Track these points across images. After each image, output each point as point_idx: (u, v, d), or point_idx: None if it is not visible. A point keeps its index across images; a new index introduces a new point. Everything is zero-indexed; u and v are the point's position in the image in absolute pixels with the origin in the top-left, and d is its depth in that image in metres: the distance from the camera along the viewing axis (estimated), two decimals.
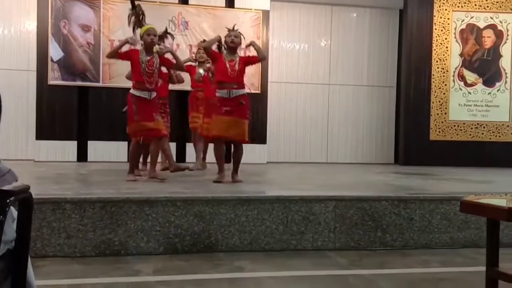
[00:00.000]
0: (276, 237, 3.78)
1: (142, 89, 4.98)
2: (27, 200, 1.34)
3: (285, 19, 9.74)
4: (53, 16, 8.41)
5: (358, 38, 10.04)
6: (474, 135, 9.34)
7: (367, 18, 10.07)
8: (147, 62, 4.95)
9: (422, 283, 3.02)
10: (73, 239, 3.48)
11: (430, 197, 4.11)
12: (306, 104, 9.90)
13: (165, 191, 4.08)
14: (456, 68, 9.36)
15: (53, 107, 8.45)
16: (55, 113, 8.46)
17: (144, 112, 4.94)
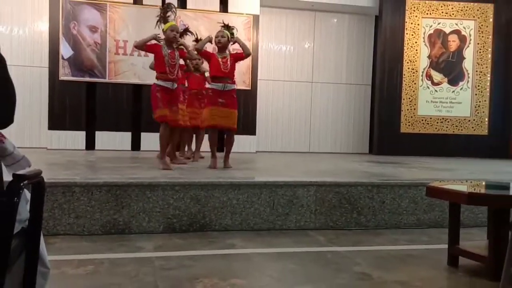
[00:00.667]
0: (264, 218, 3.79)
1: (165, 80, 4.90)
2: (40, 183, 1.34)
3: (273, 23, 9.71)
4: (64, 18, 8.33)
5: (338, 41, 10.05)
6: (439, 128, 9.40)
7: (346, 23, 10.07)
8: (169, 55, 4.90)
9: (391, 258, 3.04)
10: (81, 219, 3.47)
11: (400, 183, 4.13)
12: (291, 99, 9.91)
13: (165, 176, 4.07)
14: (424, 68, 9.40)
15: (64, 101, 8.38)
16: (66, 106, 8.39)
17: (165, 100, 4.88)
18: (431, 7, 9.36)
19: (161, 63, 4.91)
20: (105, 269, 2.63)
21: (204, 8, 8.77)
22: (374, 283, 2.52)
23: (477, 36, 9.42)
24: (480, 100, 9.44)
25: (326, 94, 10.02)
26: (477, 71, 9.44)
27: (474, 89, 9.44)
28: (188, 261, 2.82)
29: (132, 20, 8.63)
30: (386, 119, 9.34)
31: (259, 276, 2.61)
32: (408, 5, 9.32)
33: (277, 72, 9.81)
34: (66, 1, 8.33)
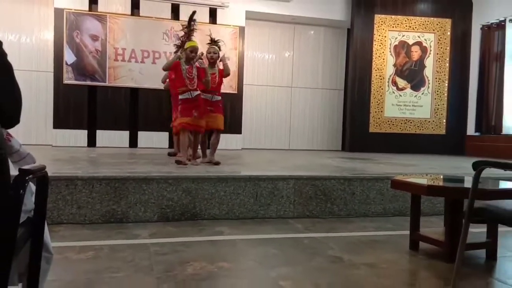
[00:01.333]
0: (248, 207, 3.79)
1: (184, 92, 4.91)
2: (44, 177, 1.32)
3: (258, 34, 9.71)
4: (68, 28, 8.21)
5: (314, 50, 10.09)
6: (403, 128, 9.51)
7: (322, 35, 10.12)
8: (187, 70, 4.89)
9: (361, 244, 3.07)
10: (83, 209, 3.43)
11: (368, 177, 4.16)
12: (273, 102, 9.92)
13: (159, 171, 4.04)
14: (390, 75, 9.49)
15: (67, 102, 8.27)
16: (69, 107, 8.29)
17: (187, 110, 4.88)
18: (396, 21, 9.45)
19: (180, 76, 4.93)
20: (105, 255, 2.61)
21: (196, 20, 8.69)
22: (345, 265, 2.54)
23: (437, 47, 9.54)
24: (438, 103, 9.57)
25: (304, 97, 10.06)
26: (436, 78, 9.56)
27: (433, 94, 9.56)
28: (180, 247, 2.81)
29: (130, 30, 8.55)
30: (356, 120, 9.41)
31: (244, 260, 2.61)
32: (377, 20, 9.39)
33: (260, 78, 9.81)
34: (70, 12, 8.22)
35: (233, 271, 2.38)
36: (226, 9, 8.96)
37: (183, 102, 4.94)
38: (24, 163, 1.37)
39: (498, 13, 8.87)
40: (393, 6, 9.43)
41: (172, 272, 2.31)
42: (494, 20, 8.97)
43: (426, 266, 2.58)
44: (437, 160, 7.27)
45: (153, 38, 8.60)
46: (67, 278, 2.18)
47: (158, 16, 8.68)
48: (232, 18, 9.02)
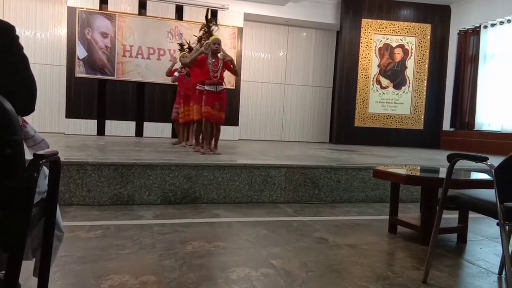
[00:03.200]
0: (243, 193, 3.80)
1: (211, 84, 4.83)
2: (56, 162, 1.31)
3: (254, 34, 9.65)
4: (80, 25, 8.12)
5: (306, 51, 10.05)
6: (385, 123, 9.53)
7: (313, 36, 10.08)
8: (213, 63, 4.82)
9: (344, 226, 3.09)
10: (92, 192, 3.42)
11: (352, 166, 4.17)
12: (268, 97, 9.90)
13: (163, 158, 4.03)
14: (375, 75, 9.48)
15: (79, 94, 8.21)
16: (80, 98, 8.22)
17: (209, 101, 4.82)
18: (381, 26, 9.42)
19: (206, 70, 4.84)
20: (112, 233, 2.61)
21: (197, 20, 8.63)
22: (329, 246, 2.55)
23: (417, 50, 9.53)
24: (418, 101, 9.58)
25: (296, 94, 10.05)
26: (416, 78, 9.57)
27: (413, 93, 9.57)
28: (181, 227, 2.81)
29: (137, 28, 8.46)
30: (343, 115, 9.41)
31: (238, 240, 2.62)
32: (363, 24, 9.35)
33: (256, 75, 9.77)
34: (82, 11, 8.11)
35: (229, 249, 2.39)
36: (226, 11, 8.89)
37: (208, 93, 4.82)
38: (38, 148, 1.36)
39: (474, 19, 8.86)
40: (378, 11, 9.39)
41: (173, 250, 2.31)
42: (470, 26, 8.97)
43: (402, 248, 2.60)
44: (415, 153, 7.30)
45: (158, 36, 8.52)
46: (77, 254, 2.18)
47: (163, 16, 8.59)
48: (232, 19, 8.96)
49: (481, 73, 8.65)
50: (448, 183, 1.93)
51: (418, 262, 2.31)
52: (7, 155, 1.01)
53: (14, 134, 1.02)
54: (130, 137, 8.31)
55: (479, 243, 2.80)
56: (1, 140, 1.00)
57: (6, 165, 1.02)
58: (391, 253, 2.53)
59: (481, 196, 1.86)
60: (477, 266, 2.31)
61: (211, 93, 4.85)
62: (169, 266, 2.05)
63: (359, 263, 2.25)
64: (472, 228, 3.06)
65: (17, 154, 1.04)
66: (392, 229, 2.97)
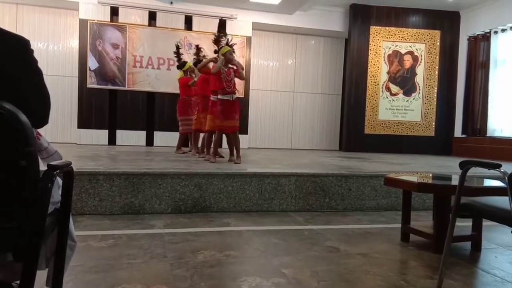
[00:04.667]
0: (253, 201, 3.79)
1: (224, 93, 4.84)
2: (69, 172, 1.33)
3: (263, 43, 9.70)
4: (91, 37, 8.25)
5: (315, 58, 10.07)
6: (396, 130, 9.46)
7: (321, 44, 10.09)
8: (226, 72, 4.85)
9: (355, 235, 3.06)
10: (104, 201, 3.45)
11: (363, 174, 4.14)
12: (277, 105, 9.91)
13: (173, 167, 4.05)
14: (384, 82, 9.44)
15: (90, 104, 8.31)
16: (92, 108, 8.33)
17: (224, 112, 4.83)
18: (390, 32, 9.40)
19: (219, 79, 4.84)
20: (123, 243, 2.62)
21: (207, 30, 8.73)
22: (341, 254, 2.53)
23: (427, 56, 9.48)
24: (428, 108, 9.51)
25: (305, 101, 10.05)
26: (426, 85, 9.50)
27: (424, 99, 9.50)
28: (191, 236, 2.81)
29: (147, 39, 8.57)
30: (353, 122, 9.37)
31: (249, 249, 2.61)
32: (372, 31, 9.35)
33: (265, 83, 9.80)
34: (93, 23, 8.25)
35: (239, 258, 2.38)
36: (234, 20, 8.96)
37: (223, 103, 4.82)
38: (51, 159, 1.38)
39: (483, 25, 8.80)
40: (387, 18, 9.39)
41: (184, 259, 2.31)
42: (479, 32, 8.90)
43: (415, 256, 2.57)
44: (426, 160, 7.23)
45: (168, 46, 8.61)
46: (89, 264, 2.19)
47: (173, 26, 8.69)
48: (240, 29, 9.02)
49: (492, 79, 8.56)
50: (461, 190, 1.91)
51: (431, 271, 2.27)
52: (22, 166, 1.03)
53: (29, 146, 1.04)
54: (140, 146, 8.37)
55: (493, 251, 2.75)
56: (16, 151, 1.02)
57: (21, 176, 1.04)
58: (403, 262, 2.50)
59: (494, 204, 1.83)
60: (492, 275, 2.26)
61: (227, 103, 4.85)
62: (180, 276, 2.05)
63: (371, 272, 2.22)
64: (486, 236, 3.01)
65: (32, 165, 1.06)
66: (404, 238, 2.93)
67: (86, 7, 8.19)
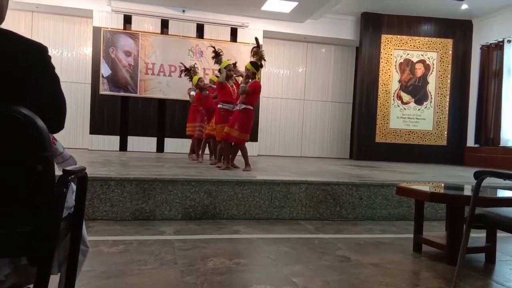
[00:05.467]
0: (263, 209, 3.78)
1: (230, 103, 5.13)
2: (84, 178, 1.34)
3: (274, 51, 9.74)
4: (104, 44, 8.37)
5: (325, 67, 10.07)
6: (407, 139, 9.38)
7: (332, 52, 10.10)
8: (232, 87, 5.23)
9: (367, 245, 3.03)
10: (115, 207, 3.47)
11: (374, 183, 4.11)
12: (287, 113, 9.91)
13: (184, 174, 4.06)
14: (395, 90, 9.39)
15: (103, 111, 8.41)
16: (104, 115, 8.42)
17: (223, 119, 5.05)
18: (401, 41, 9.37)
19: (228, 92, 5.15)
20: (134, 248, 2.63)
21: (217, 38, 8.80)
22: (352, 264, 2.50)
23: (439, 65, 9.42)
24: (440, 116, 9.42)
25: (315, 109, 10.03)
26: (438, 93, 9.43)
27: (435, 108, 9.42)
28: (201, 243, 2.81)
29: (159, 47, 8.67)
30: (364, 131, 9.33)
31: (259, 257, 2.60)
32: (383, 39, 9.33)
33: (276, 91, 9.82)
34: (107, 31, 8.38)
35: (249, 266, 2.37)
36: (245, 28, 9.02)
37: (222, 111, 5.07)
38: (66, 164, 1.39)
39: (497, 34, 8.73)
40: (398, 26, 9.37)
41: (194, 266, 2.31)
42: (492, 41, 8.82)
43: (428, 267, 2.53)
44: (438, 169, 7.15)
45: (179, 54, 8.70)
46: (101, 269, 2.20)
47: (185, 34, 8.78)
48: (251, 37, 9.06)
49: (506, 88, 8.46)
50: (475, 200, 1.88)
51: (444, 282, 2.23)
52: (39, 170, 1.04)
53: (46, 151, 1.05)
54: (151, 152, 8.43)
55: (508, 263, 2.70)
56: (33, 156, 1.04)
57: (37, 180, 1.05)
58: (416, 273, 2.46)
59: (509, 215, 1.79)
60: (507, 287, 2.21)
61: (226, 111, 5.01)
62: (190, 283, 2.05)
63: (383, 283, 2.19)
64: (501, 248, 2.95)
65: (48, 170, 1.07)
66: (416, 248, 2.89)
67: (99, 15, 8.33)
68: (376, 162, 8.31)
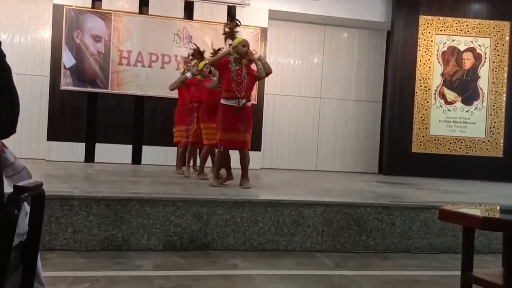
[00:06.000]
0: (268, 237, 3.78)
1: (231, 98, 4.84)
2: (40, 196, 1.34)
3: (282, 36, 9.78)
4: (67, 26, 8.43)
5: (348, 56, 10.10)
6: (452, 149, 9.36)
7: (356, 38, 10.13)
8: (236, 72, 4.84)
9: (400, 284, 3.01)
10: (79, 234, 3.47)
11: (410, 205, 4.10)
12: (299, 115, 9.92)
13: (166, 192, 4.07)
14: (437, 86, 9.40)
15: (64, 111, 8.44)
16: (66, 116, 8.45)
17: (228, 122, 4.83)
18: (445, 24, 9.40)
19: (227, 81, 4.85)
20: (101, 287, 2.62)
21: (211, 19, 8.86)
22: None
23: (493, 55, 9.44)
24: (495, 120, 9.41)
25: (335, 110, 10.04)
26: (492, 91, 9.43)
27: (489, 109, 9.42)
28: (189, 281, 2.80)
29: (137, 30, 8.73)
30: (396, 138, 9.32)
31: None
32: (422, 21, 9.36)
33: (284, 87, 9.84)
34: (70, 9, 8.44)
35: None
36: (246, 7, 9.08)
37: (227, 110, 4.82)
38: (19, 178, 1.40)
39: None
40: (440, 5, 9.40)
41: None
42: None
43: None
44: (492, 188, 7.13)
45: (162, 39, 8.75)
46: None
47: (170, 15, 8.84)
48: (253, 18, 9.13)
49: None
50: None
51: None
52: None
53: None
54: (125, 164, 8.43)
55: None
56: None
57: None
58: None
59: None
60: None
61: (232, 109, 4.85)
62: None
63: None
64: None
65: None
66: None
67: None
68: (412, 178, 8.29)
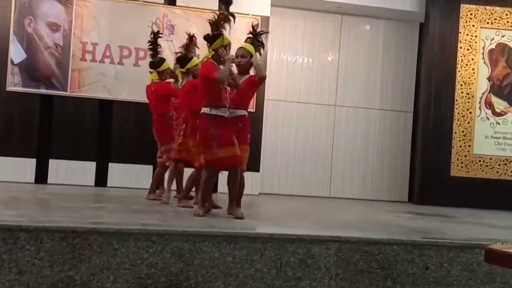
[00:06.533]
0: (268, 282, 3.75)
1: (222, 107, 4.93)
2: None
3: (287, 27, 9.82)
4: (17, 12, 8.44)
5: (370, 53, 10.11)
6: (502, 172, 9.35)
7: (381, 31, 10.17)
8: None
9: None
10: (26, 275, 3.43)
11: (449, 243, 4.09)
12: (308, 127, 9.91)
13: (138, 222, 4.05)
14: (483, 93, 9.43)
15: (11, 118, 8.43)
16: (13, 125, 8.43)
17: (223, 135, 4.87)
18: (492, 15, 9.46)
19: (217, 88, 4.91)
20: None
21: (198, 6, 8.88)
22: None
23: None
24: None
25: (353, 121, 10.04)
26: None
27: None
28: None
29: (105, 18, 8.75)
30: (431, 157, 9.32)
31: None
32: (463, 11, 9.42)
33: (290, 91, 9.85)
34: None
35: None
36: None
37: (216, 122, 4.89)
38: None
39: None
40: None
41: None
42: None
43: None
44: None
45: (137, 29, 8.75)
46: None
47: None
48: (252, 5, 9.16)
49: None
50: None
51: None
52: None
53: None
54: (87, 186, 8.41)
55: None
56: None
57: None
58: None
59: None
60: None
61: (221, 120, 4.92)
62: None
63: None
64: None
65: None
66: None
67: None
68: (451, 209, 8.28)
